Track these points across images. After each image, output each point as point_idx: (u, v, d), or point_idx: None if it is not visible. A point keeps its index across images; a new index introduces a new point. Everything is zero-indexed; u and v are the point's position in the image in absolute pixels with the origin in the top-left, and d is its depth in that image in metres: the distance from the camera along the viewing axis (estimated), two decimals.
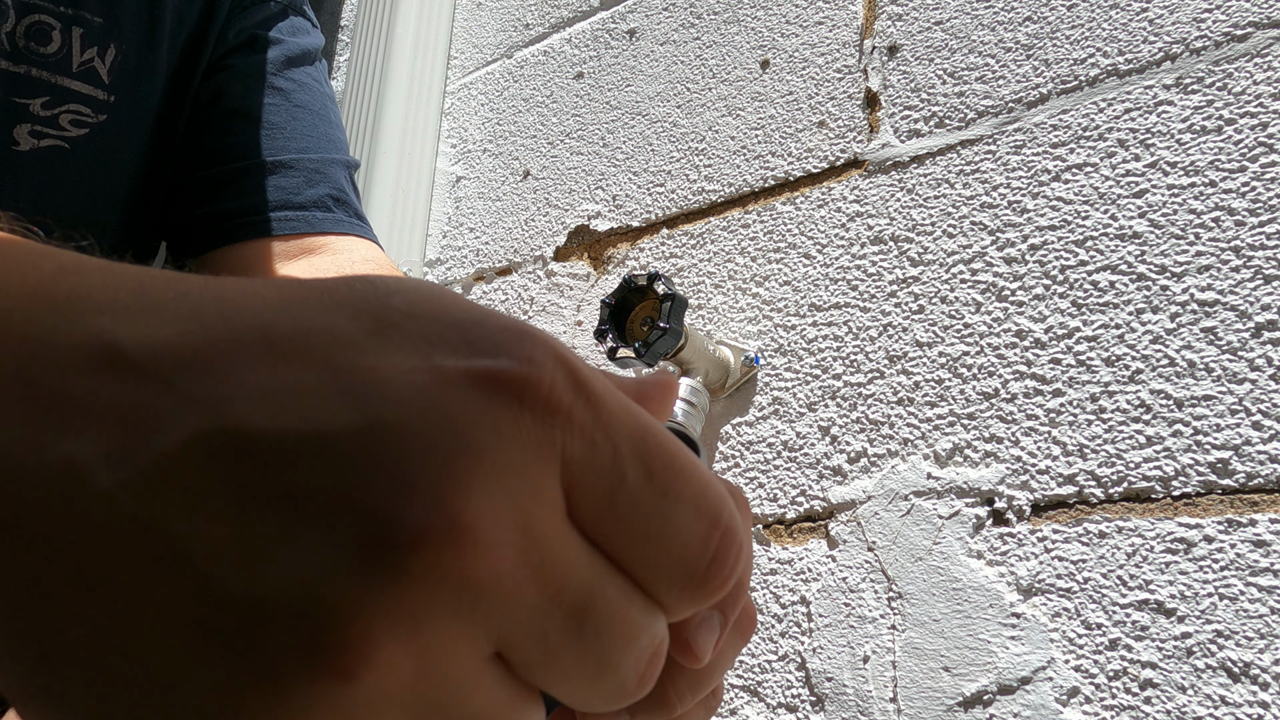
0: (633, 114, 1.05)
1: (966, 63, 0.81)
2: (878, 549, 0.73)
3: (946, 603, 0.69)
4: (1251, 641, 0.58)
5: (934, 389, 0.75)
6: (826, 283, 0.83)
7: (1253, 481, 0.61)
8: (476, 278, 1.16)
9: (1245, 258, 0.64)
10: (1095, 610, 0.64)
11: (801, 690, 0.74)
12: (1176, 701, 0.60)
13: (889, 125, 0.84)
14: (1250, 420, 0.62)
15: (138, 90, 0.64)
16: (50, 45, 0.59)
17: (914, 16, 0.85)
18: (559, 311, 1.04)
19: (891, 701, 0.70)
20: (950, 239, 0.77)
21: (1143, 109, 0.71)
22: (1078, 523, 0.66)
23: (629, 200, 1.02)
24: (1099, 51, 0.74)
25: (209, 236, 0.67)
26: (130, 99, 0.64)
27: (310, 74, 0.72)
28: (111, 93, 0.62)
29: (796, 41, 0.93)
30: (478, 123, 1.24)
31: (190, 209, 0.68)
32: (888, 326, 0.79)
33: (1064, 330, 0.70)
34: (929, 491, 0.72)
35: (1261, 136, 0.65)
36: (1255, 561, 0.59)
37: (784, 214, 0.88)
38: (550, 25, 1.20)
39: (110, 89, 0.62)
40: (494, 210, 1.17)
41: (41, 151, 0.60)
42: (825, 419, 0.80)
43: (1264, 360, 0.62)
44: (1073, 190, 0.72)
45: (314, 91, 0.72)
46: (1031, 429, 0.69)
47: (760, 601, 0.79)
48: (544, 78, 1.18)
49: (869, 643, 0.72)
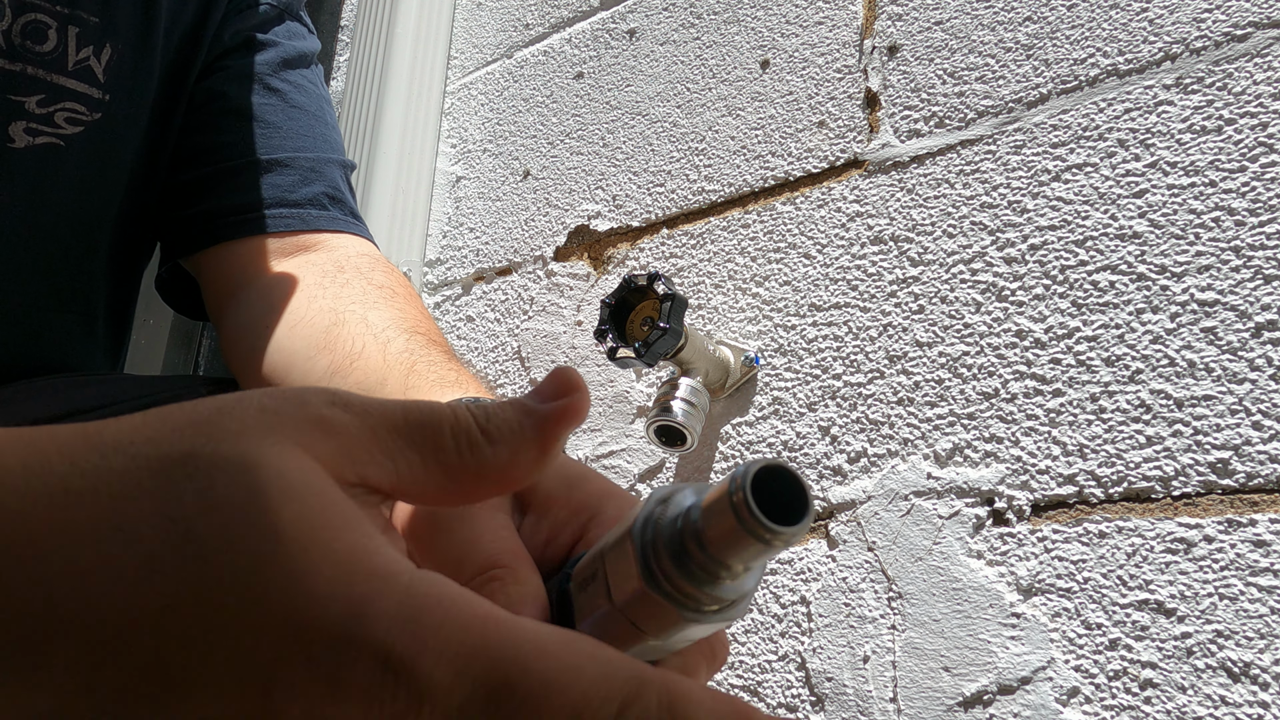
0: (633, 114, 1.05)
1: (966, 63, 0.81)
2: (878, 549, 0.73)
3: (946, 603, 0.69)
4: (1251, 641, 0.58)
5: (934, 389, 0.75)
6: (826, 283, 0.83)
7: (1253, 481, 0.61)
8: (476, 278, 1.16)
9: (1245, 258, 0.64)
10: (1095, 610, 0.64)
11: (801, 690, 0.74)
12: (1176, 701, 0.60)
13: (889, 125, 0.84)
14: (1250, 420, 0.62)
15: (133, 89, 0.64)
16: (46, 44, 0.59)
17: (914, 16, 0.85)
18: (559, 311, 1.04)
19: (891, 701, 0.70)
20: (950, 239, 0.77)
21: (1143, 109, 0.71)
22: (1078, 523, 0.66)
23: (629, 200, 1.02)
24: (1099, 51, 0.74)
25: (203, 234, 0.67)
26: (126, 98, 0.63)
27: (306, 76, 0.72)
28: (107, 91, 0.62)
29: (796, 41, 0.93)
30: (478, 123, 1.24)
31: (185, 206, 0.68)
32: (888, 326, 0.79)
33: (1064, 330, 0.70)
34: (929, 491, 0.72)
35: (1261, 136, 0.65)
36: (1255, 561, 0.59)
37: (784, 214, 0.88)
38: (550, 25, 1.20)
39: (106, 88, 0.62)
40: (494, 210, 1.17)
41: (36, 149, 0.60)
42: (825, 419, 0.80)
43: (1264, 360, 0.62)
44: (1073, 190, 0.72)
45: (310, 93, 0.71)
46: (1031, 429, 0.69)
47: (760, 601, 0.79)
48: (544, 78, 1.18)
49: (869, 643, 0.72)
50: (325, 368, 0.53)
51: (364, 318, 0.56)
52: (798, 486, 0.25)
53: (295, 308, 0.60)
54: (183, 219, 0.68)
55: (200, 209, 0.67)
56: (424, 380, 0.48)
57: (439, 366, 0.50)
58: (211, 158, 0.68)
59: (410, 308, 0.60)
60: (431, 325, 0.58)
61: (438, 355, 0.52)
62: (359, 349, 0.53)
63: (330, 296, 0.60)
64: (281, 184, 0.66)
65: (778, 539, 0.24)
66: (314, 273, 0.63)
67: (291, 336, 0.58)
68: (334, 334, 0.55)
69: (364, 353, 0.52)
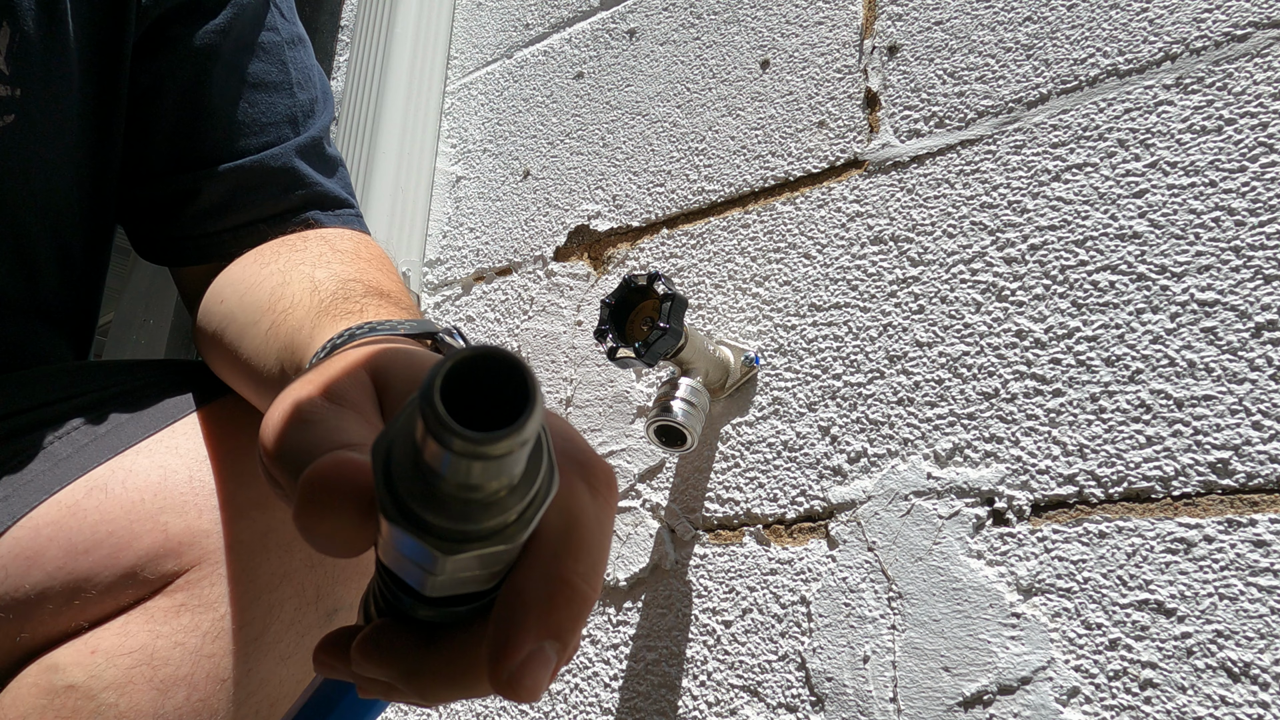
0: (633, 114, 1.05)
1: (966, 63, 0.81)
2: (878, 549, 0.73)
3: (946, 603, 0.69)
4: (1251, 641, 0.58)
5: (934, 389, 0.75)
6: (826, 283, 0.83)
7: (1253, 481, 0.61)
8: (476, 278, 1.16)
9: (1245, 258, 0.64)
10: (1095, 610, 0.64)
11: (801, 690, 0.74)
12: (1176, 701, 0.60)
13: (889, 125, 0.84)
14: (1250, 420, 0.62)
15: (49, 77, 0.55)
16: None
17: (914, 16, 0.85)
18: (559, 311, 1.04)
19: (891, 701, 0.70)
20: (950, 239, 0.77)
21: (1143, 109, 0.71)
22: (1078, 523, 0.66)
23: (629, 200, 1.02)
24: (1099, 51, 0.74)
25: (172, 256, 0.64)
26: (40, 89, 0.55)
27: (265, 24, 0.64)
28: (15, 85, 0.54)
29: (796, 41, 0.93)
30: (478, 123, 1.24)
31: (149, 226, 0.64)
32: (888, 326, 0.79)
33: (1064, 330, 0.70)
34: (929, 491, 0.72)
35: (1261, 136, 0.65)
36: (1255, 561, 0.59)
37: (784, 214, 0.88)
38: (550, 25, 1.20)
39: (13, 81, 0.54)
40: (494, 210, 1.17)
41: None
42: (825, 419, 0.80)
43: (1264, 360, 0.62)
44: (1073, 190, 0.72)
45: (269, 50, 0.64)
46: (1031, 429, 0.69)
47: (760, 601, 0.79)
48: (544, 78, 1.18)
49: (869, 643, 0.72)
50: (266, 327, 0.50)
51: (310, 275, 0.52)
52: (512, 370, 0.20)
53: (249, 283, 0.56)
54: (147, 238, 0.64)
55: (163, 234, 0.63)
56: (330, 317, 0.45)
57: (354, 301, 0.46)
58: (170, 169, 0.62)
59: (367, 266, 0.55)
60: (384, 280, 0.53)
61: (361, 296, 0.47)
62: (295, 303, 0.49)
63: (282, 261, 0.56)
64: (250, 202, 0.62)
65: (491, 448, 0.19)
66: (274, 245, 0.60)
67: (242, 307, 0.55)
68: (277, 294, 0.52)
69: (297, 305, 0.49)
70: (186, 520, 0.52)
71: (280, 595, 0.53)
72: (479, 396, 0.20)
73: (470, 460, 0.20)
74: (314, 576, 0.54)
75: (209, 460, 0.55)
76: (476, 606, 0.27)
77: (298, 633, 0.54)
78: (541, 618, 0.25)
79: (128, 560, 0.51)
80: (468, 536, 0.22)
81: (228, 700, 0.51)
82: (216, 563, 0.52)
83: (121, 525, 0.52)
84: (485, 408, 0.20)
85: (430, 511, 0.22)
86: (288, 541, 0.54)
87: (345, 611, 0.56)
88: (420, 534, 0.22)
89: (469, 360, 0.19)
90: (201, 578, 0.52)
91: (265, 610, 0.52)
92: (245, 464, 0.55)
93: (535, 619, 0.25)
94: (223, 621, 0.51)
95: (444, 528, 0.22)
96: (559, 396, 1.00)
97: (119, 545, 0.51)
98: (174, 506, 0.53)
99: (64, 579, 0.50)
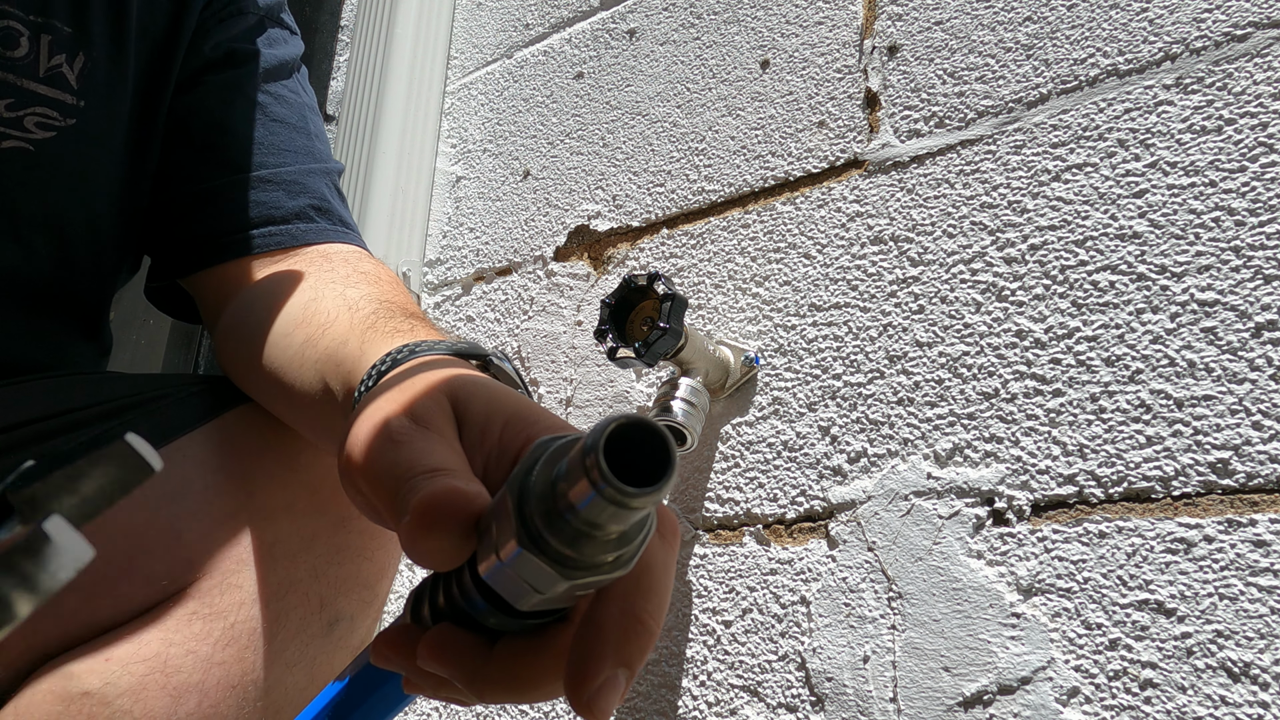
0: (633, 114, 1.05)
1: (966, 63, 0.81)
2: (878, 549, 0.73)
3: (946, 603, 0.69)
4: (1251, 641, 0.58)
5: (934, 389, 0.75)
6: (826, 283, 0.83)
7: (1253, 481, 0.61)
8: (476, 278, 1.16)
9: (1245, 258, 0.64)
10: (1095, 610, 0.64)
11: (801, 690, 0.74)
12: (1176, 701, 0.60)
13: (889, 125, 0.84)
14: (1250, 420, 0.62)
15: (109, 97, 0.64)
16: (18, 50, 0.59)
17: (914, 16, 0.85)
18: (559, 311, 1.04)
19: (891, 701, 0.70)
20: (950, 239, 0.77)
21: (1143, 109, 0.71)
22: (1078, 523, 0.66)
23: (629, 200, 1.02)
24: (1099, 51, 0.74)
25: (191, 258, 0.67)
26: (101, 105, 0.63)
27: (288, 86, 0.72)
28: (81, 98, 0.62)
29: (796, 41, 0.93)
30: (478, 123, 1.24)
31: (172, 228, 0.68)
32: (888, 326, 0.79)
33: (1064, 330, 0.70)
34: (929, 491, 0.72)
35: (1261, 136, 0.65)
36: (1255, 561, 0.59)
37: (784, 214, 0.88)
38: (550, 25, 1.20)
39: (79, 94, 0.62)
40: (494, 210, 1.17)
41: (4, 152, 0.60)
42: (825, 419, 0.80)
43: (1264, 360, 0.62)
44: (1073, 190, 0.72)
45: (291, 104, 0.71)
46: (1031, 429, 0.69)
47: (760, 601, 0.79)
48: (544, 78, 1.18)
49: (869, 643, 0.72)
50: (301, 340, 0.54)
51: (342, 293, 0.56)
52: (657, 440, 0.24)
53: (278, 295, 0.60)
54: (169, 241, 0.68)
55: (188, 233, 0.67)
56: (378, 334, 0.49)
57: (396, 321, 0.51)
58: (195, 177, 0.67)
59: (393, 289, 0.60)
60: (411, 304, 0.58)
61: (401, 317, 0.52)
62: (332, 318, 0.53)
63: (312, 279, 0.60)
64: (266, 202, 0.66)
65: (634, 501, 0.23)
66: (300, 264, 0.63)
67: (273, 319, 0.58)
68: (311, 309, 0.55)
69: (335, 320, 0.53)
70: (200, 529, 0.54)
71: (287, 604, 0.55)
72: (622, 453, 0.24)
73: (612, 506, 0.24)
74: (318, 587, 0.57)
75: (222, 470, 0.57)
76: (544, 622, 0.31)
77: (303, 640, 0.56)
78: (616, 649, 0.29)
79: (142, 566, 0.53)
80: (579, 565, 0.26)
81: (237, 706, 0.53)
82: (227, 571, 0.54)
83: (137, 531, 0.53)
84: (623, 462, 0.24)
85: (557, 540, 0.26)
86: (294, 552, 0.56)
87: (345, 622, 0.58)
88: (548, 560, 0.26)
89: (626, 425, 0.24)
90: (212, 586, 0.53)
91: (273, 619, 0.54)
92: (256, 474, 0.57)
93: (611, 650, 0.29)
94: (233, 630, 0.53)
95: (566, 556, 0.26)
96: (559, 396, 1.00)
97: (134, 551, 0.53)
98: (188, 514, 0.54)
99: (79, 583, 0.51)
